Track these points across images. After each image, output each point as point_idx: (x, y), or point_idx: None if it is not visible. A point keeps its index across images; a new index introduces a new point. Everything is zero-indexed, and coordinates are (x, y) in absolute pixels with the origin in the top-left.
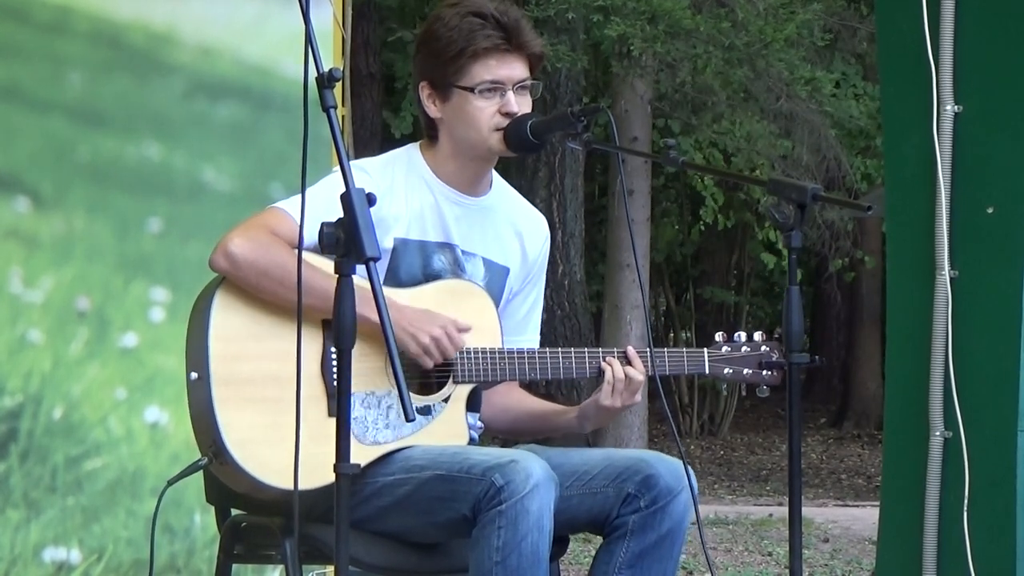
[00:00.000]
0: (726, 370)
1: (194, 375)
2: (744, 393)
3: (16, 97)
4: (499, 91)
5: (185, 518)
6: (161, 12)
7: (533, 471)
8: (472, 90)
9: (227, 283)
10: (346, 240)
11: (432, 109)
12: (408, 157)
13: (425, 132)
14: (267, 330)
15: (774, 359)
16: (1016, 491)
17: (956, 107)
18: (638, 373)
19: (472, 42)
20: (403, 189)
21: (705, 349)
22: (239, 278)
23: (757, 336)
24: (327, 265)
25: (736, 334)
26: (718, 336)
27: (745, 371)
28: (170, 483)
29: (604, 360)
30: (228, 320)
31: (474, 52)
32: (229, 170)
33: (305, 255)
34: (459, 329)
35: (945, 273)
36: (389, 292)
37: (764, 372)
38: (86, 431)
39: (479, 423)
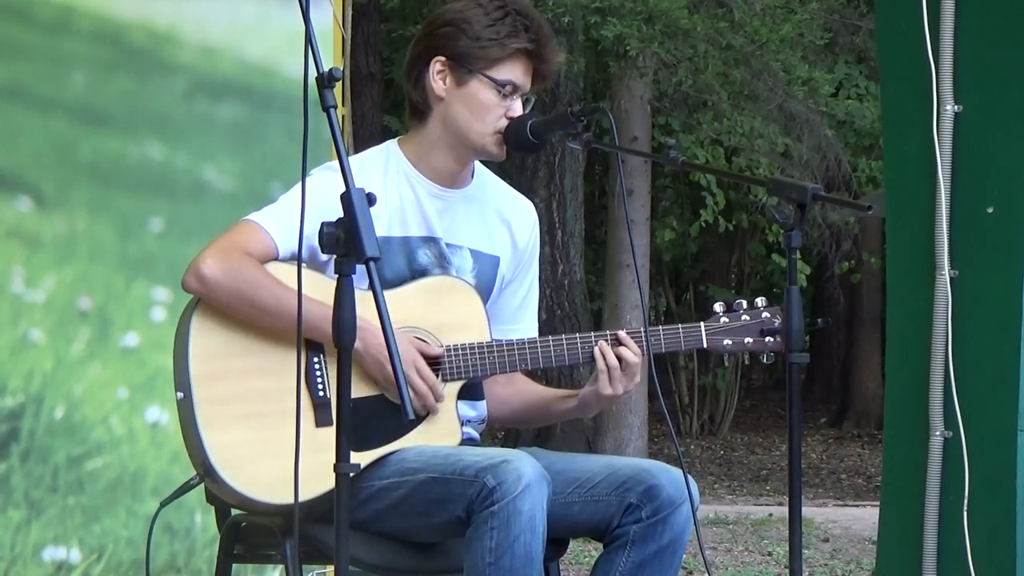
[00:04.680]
0: (726, 341)
1: (180, 395)
2: (748, 362)
3: (18, 96)
4: (512, 95)
5: (185, 518)
6: (163, 12)
7: (525, 471)
8: (498, 85)
9: (204, 303)
10: (346, 240)
11: (439, 86)
12: (387, 152)
13: (418, 107)
14: (247, 346)
15: (776, 325)
16: (1016, 491)
17: (956, 107)
18: (632, 355)
19: (516, 40)
20: (381, 185)
21: (702, 323)
22: (212, 299)
23: (759, 301)
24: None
25: (736, 302)
26: (717, 306)
27: (746, 340)
28: (163, 505)
29: (596, 346)
30: (207, 340)
31: (514, 51)
32: (230, 170)
33: (277, 272)
34: (427, 356)
35: (945, 273)
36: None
37: (767, 339)
38: (87, 431)
39: (482, 416)
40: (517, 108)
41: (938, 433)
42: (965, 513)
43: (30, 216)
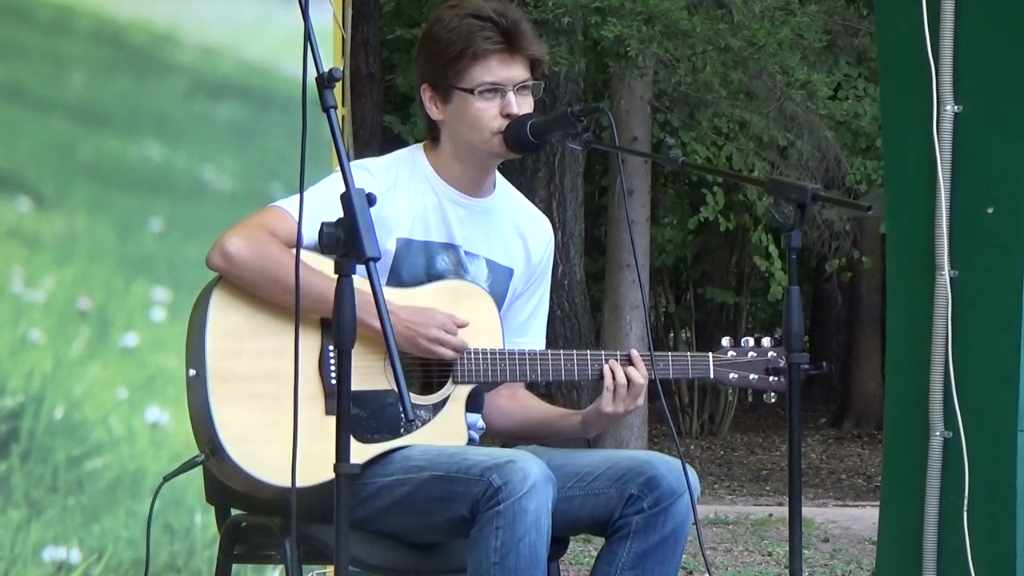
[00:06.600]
0: (731, 375)
1: (192, 372)
2: (750, 399)
3: (18, 96)
4: (499, 92)
5: (185, 518)
6: (162, 12)
7: (531, 471)
8: (472, 92)
9: (225, 280)
10: (346, 240)
11: (434, 111)
12: (412, 158)
13: (427, 134)
14: (265, 327)
15: (781, 365)
16: (1016, 491)
17: (956, 107)
18: (639, 376)
19: (471, 44)
20: (406, 189)
21: (710, 353)
22: (235, 277)
23: (765, 341)
24: (325, 266)
25: (743, 339)
26: (724, 341)
27: (751, 376)
28: (166, 479)
29: (606, 363)
30: (226, 317)
31: (474, 54)
32: (230, 170)
33: (304, 255)
34: (457, 324)
35: (945, 273)
36: (389, 292)
37: (771, 378)
38: (87, 431)
39: (480, 423)
40: (511, 103)
41: (938, 433)
42: (965, 513)
43: (30, 216)
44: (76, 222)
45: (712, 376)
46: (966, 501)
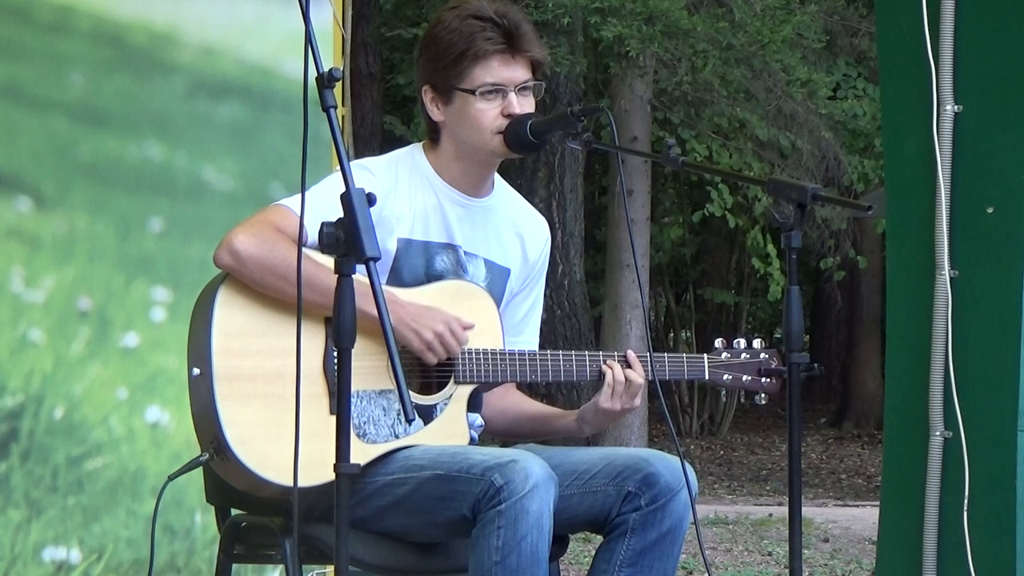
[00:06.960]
0: (725, 376)
1: (196, 371)
2: (743, 400)
3: (18, 97)
4: (500, 93)
5: (185, 518)
6: (162, 12)
7: (532, 471)
8: (473, 92)
9: (230, 279)
10: (346, 240)
11: (435, 112)
12: (412, 158)
13: (427, 135)
14: (270, 326)
15: (773, 367)
16: (1016, 491)
17: (956, 107)
18: (638, 376)
19: (472, 45)
20: (407, 189)
21: (705, 355)
22: (243, 274)
23: (756, 343)
24: (331, 261)
25: (735, 341)
26: (718, 342)
27: (744, 378)
28: (170, 478)
29: (605, 363)
30: (231, 316)
31: (475, 55)
32: (230, 170)
33: (310, 252)
34: (462, 326)
35: (945, 273)
36: (391, 290)
37: (763, 379)
38: (87, 431)
39: (479, 422)
40: (512, 102)
41: (938, 433)
42: (965, 513)
43: (29, 216)
44: (76, 222)
45: (707, 377)
46: (966, 501)
